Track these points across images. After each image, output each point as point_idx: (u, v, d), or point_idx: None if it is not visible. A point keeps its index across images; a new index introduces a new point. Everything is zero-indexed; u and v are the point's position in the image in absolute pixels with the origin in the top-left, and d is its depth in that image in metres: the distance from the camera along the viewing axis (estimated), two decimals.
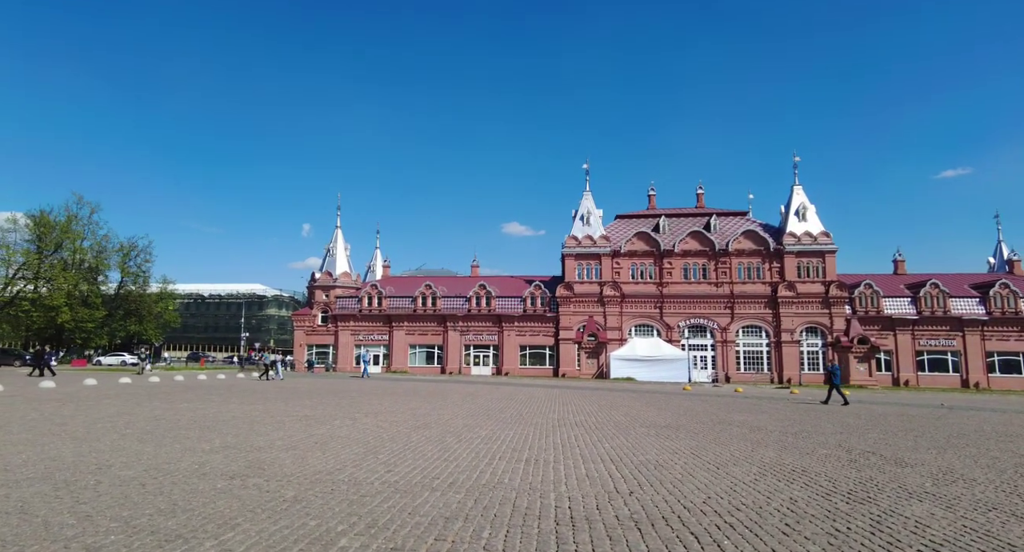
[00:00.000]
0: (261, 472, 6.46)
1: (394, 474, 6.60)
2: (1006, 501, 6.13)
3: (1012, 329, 43.32)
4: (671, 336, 46.67)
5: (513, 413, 14.82)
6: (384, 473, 6.64)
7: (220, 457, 7.34)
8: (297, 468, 6.76)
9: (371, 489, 5.81)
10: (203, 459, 7.17)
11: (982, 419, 16.51)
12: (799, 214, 46.83)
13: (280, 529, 4.36)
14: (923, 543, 4.56)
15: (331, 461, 7.31)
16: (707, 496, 6.00)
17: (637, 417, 14.72)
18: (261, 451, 7.91)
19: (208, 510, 4.81)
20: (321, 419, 12.26)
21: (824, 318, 44.74)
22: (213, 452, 7.73)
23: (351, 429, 10.68)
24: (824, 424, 14.03)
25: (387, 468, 6.93)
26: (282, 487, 5.75)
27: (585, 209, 50.69)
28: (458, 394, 22.00)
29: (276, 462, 7.10)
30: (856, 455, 9.18)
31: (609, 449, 9.14)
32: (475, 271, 57.84)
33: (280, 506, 5.01)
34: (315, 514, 4.80)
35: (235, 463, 6.95)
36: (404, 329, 51.28)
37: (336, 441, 9.09)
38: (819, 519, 5.19)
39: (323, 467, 6.87)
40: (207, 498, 5.20)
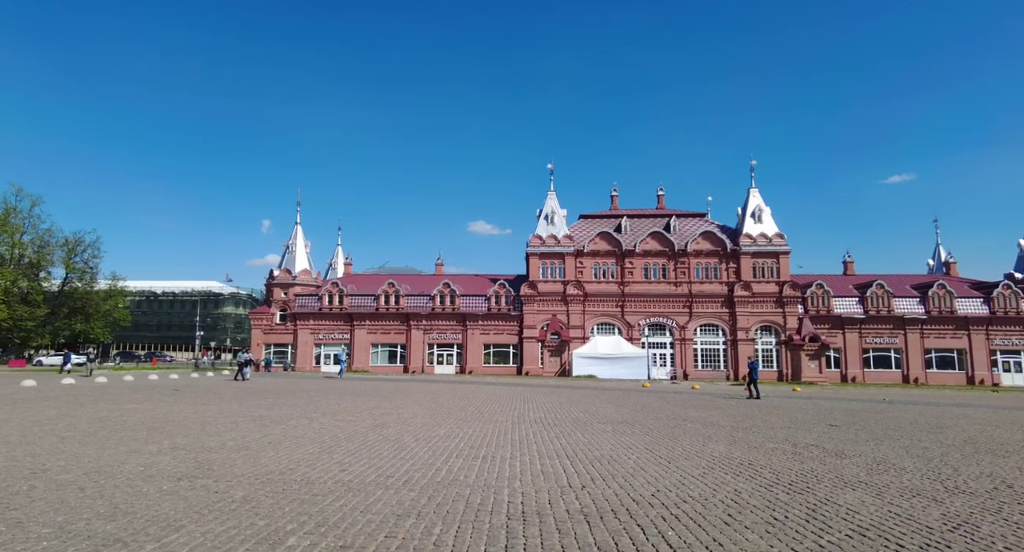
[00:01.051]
0: (210, 473, 6.33)
1: (348, 473, 6.56)
2: (929, 487, 6.53)
3: (948, 327, 45.79)
4: (632, 334, 47.48)
5: (473, 411, 14.86)
6: (338, 472, 6.59)
7: (168, 458, 7.15)
8: (248, 468, 6.64)
9: (323, 488, 5.77)
10: (149, 461, 6.96)
11: (918, 412, 17.45)
12: (755, 216, 48.31)
13: (227, 530, 4.30)
14: (851, 528, 4.83)
15: (284, 461, 7.21)
16: (656, 489, 6.19)
17: (596, 414, 14.97)
18: (212, 452, 7.73)
19: (152, 513, 4.69)
20: (277, 419, 12.04)
21: (778, 317, 46.32)
22: (161, 454, 7.51)
23: (307, 429, 10.53)
24: (774, 419, 14.57)
25: (341, 467, 6.88)
26: (231, 487, 5.65)
27: (549, 209, 51.03)
28: (420, 393, 21.89)
29: (227, 463, 6.96)
30: (800, 448, 9.59)
31: (565, 445, 9.29)
32: (439, 269, 57.51)
33: (228, 506, 4.93)
34: (264, 514, 4.74)
35: (183, 464, 6.78)
36: (366, 328, 50.59)
37: (290, 441, 8.95)
38: (759, 509, 5.42)
39: (275, 467, 6.77)
40: (151, 500, 5.07)
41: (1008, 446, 10.26)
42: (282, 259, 54.57)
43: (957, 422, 14.57)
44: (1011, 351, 45.60)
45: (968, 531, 4.82)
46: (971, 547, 4.40)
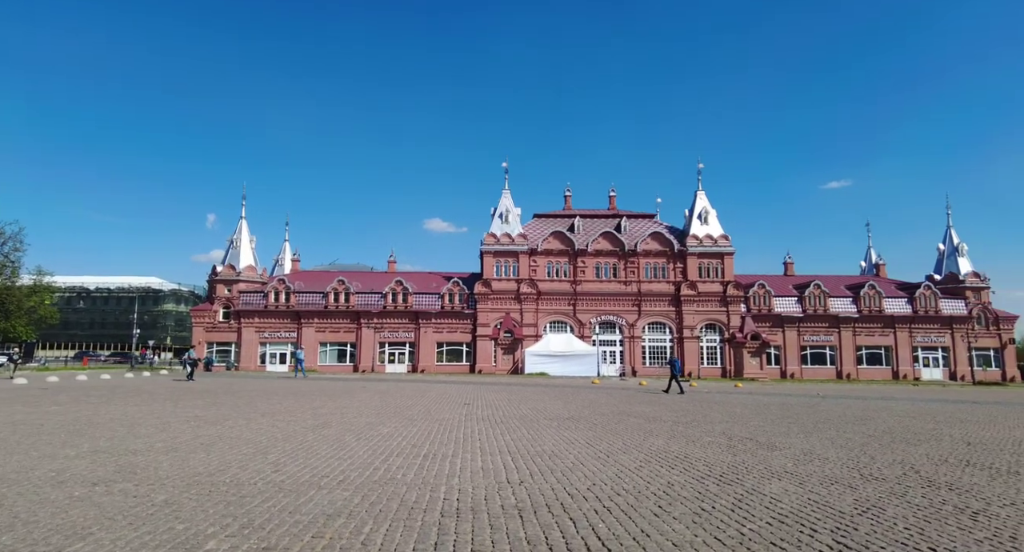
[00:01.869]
0: (132, 476, 6.02)
1: (281, 474, 6.37)
2: (847, 475, 6.91)
3: (877, 326, 48.63)
4: (583, 332, 48.20)
5: (420, 410, 14.73)
6: (271, 473, 6.39)
7: (85, 463, 6.75)
8: (175, 471, 6.35)
9: (253, 490, 5.58)
10: (64, 466, 6.56)
11: (846, 406, 18.43)
12: (701, 218, 49.89)
13: (141, 536, 4.09)
14: (773, 516, 5.05)
15: (215, 462, 6.94)
16: (592, 483, 6.30)
17: (543, 410, 15.10)
18: (136, 454, 7.36)
19: (57, 521, 4.41)
20: (212, 420, 11.58)
21: (722, 315, 48.00)
22: (78, 458, 7.09)
23: (244, 429, 10.17)
24: (713, 414, 15.08)
25: (275, 468, 6.68)
26: (153, 491, 5.39)
27: (504, 207, 51.16)
28: (367, 392, 21.53)
29: (151, 465, 6.64)
30: (735, 441, 9.95)
31: (509, 441, 9.33)
32: (392, 267, 56.72)
33: (146, 511, 4.70)
34: (185, 517, 4.54)
35: (102, 468, 6.42)
36: (314, 326, 49.36)
37: (224, 442, 8.62)
38: (689, 500, 5.60)
39: (204, 469, 6.51)
40: (58, 508, 4.77)
41: (920, 435, 10.98)
42: (226, 254, 52.58)
43: (879, 414, 15.47)
44: (930, 347, 48.85)
45: (875, 514, 5.12)
46: (876, 528, 4.68)
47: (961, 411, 17.27)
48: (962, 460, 8.22)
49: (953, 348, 48.50)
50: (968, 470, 7.44)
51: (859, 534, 4.55)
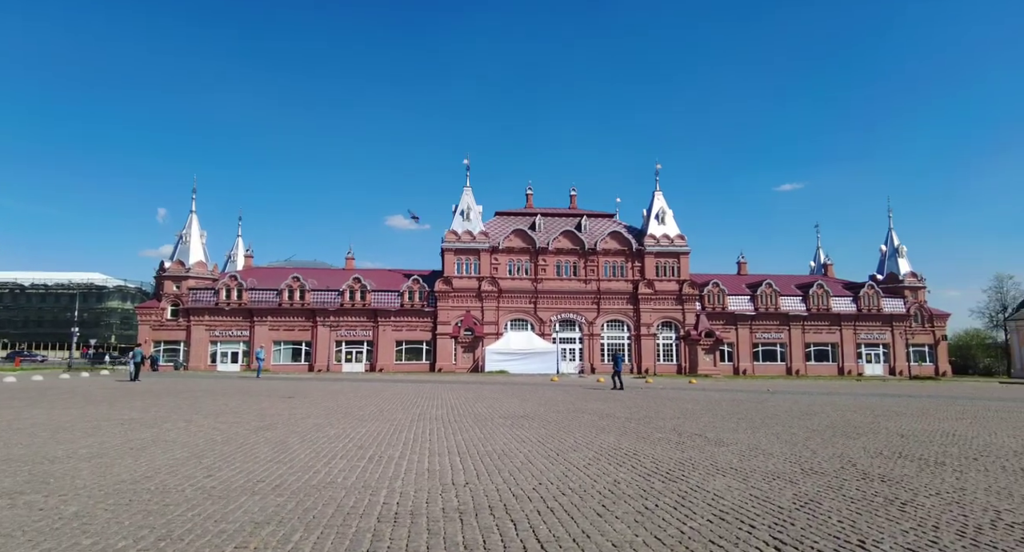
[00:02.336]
0: (44, 487, 5.59)
1: (214, 479, 6.05)
2: (788, 470, 7.05)
3: (824, 323, 50.61)
4: (544, 330, 48.38)
5: (373, 410, 14.41)
6: (202, 478, 6.06)
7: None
8: (95, 479, 5.94)
9: (180, 497, 5.26)
10: None
11: (794, 401, 19.03)
12: (659, 218, 50.78)
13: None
14: (714, 512, 5.07)
15: (143, 468, 6.54)
16: (539, 482, 6.22)
17: (498, 409, 15.00)
18: (55, 462, 6.87)
19: None
20: (149, 422, 11.00)
21: (678, 314, 49.01)
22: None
23: (182, 432, 9.68)
24: (666, 410, 15.29)
25: (207, 473, 6.34)
26: (64, 502, 5.00)
27: (465, 204, 50.81)
28: (320, 392, 20.98)
29: (69, 474, 6.20)
30: (685, 437, 10.07)
31: (460, 441, 9.18)
32: (350, 263, 55.57)
33: (51, 525, 4.34)
34: (95, 531, 4.22)
35: (11, 478, 5.94)
36: (267, 324, 47.91)
37: (158, 446, 8.17)
38: (634, 498, 5.58)
39: (129, 476, 6.12)
40: None
41: (859, 429, 11.38)
42: (175, 250, 50.49)
43: (824, 409, 16.00)
44: (872, 344, 51.16)
45: (812, 508, 5.21)
46: (811, 523, 4.76)
47: (897, 405, 18.06)
48: (895, 452, 8.53)
49: (893, 345, 50.91)
50: (900, 462, 7.71)
51: (795, 529, 4.61)
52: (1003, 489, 6.13)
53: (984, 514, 5.11)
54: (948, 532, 4.56)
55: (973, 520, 4.90)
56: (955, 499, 5.66)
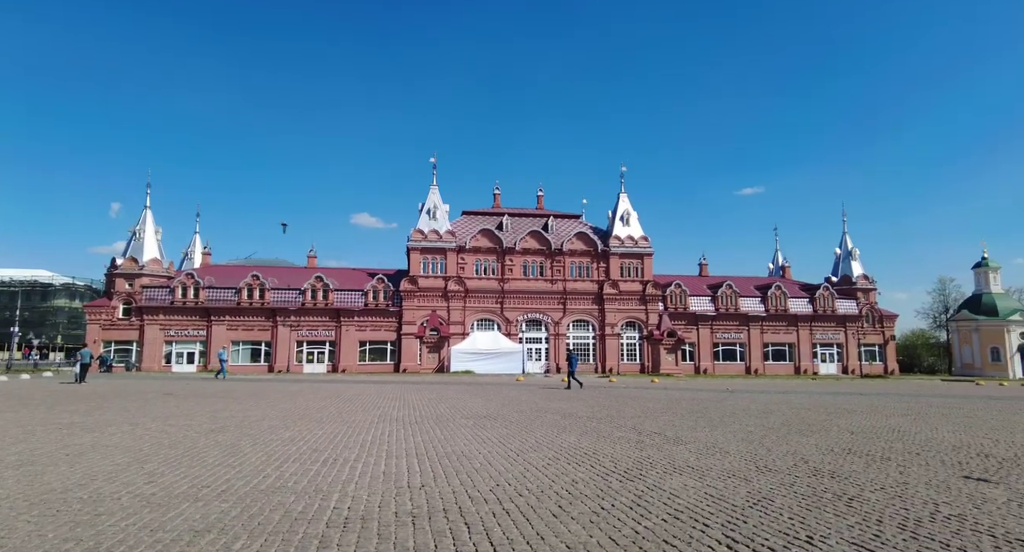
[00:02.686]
0: None
1: (155, 485, 5.76)
2: (744, 468, 7.17)
3: (782, 324, 52.15)
4: (510, 330, 48.40)
5: (333, 411, 14.09)
6: (143, 485, 5.77)
7: None
8: (21, 488, 5.58)
9: (115, 505, 4.98)
10: None
11: (751, 400, 19.49)
12: (624, 219, 51.45)
13: None
14: (669, 511, 5.09)
15: (77, 475, 6.18)
16: (496, 483, 6.14)
17: (461, 409, 14.87)
18: None
19: None
20: (91, 426, 10.47)
21: (641, 314, 49.73)
22: None
23: (126, 436, 9.24)
24: (627, 409, 15.43)
25: (149, 479, 6.04)
26: None
27: (432, 203, 50.41)
28: (279, 393, 20.44)
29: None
30: (644, 436, 10.16)
31: (419, 443, 9.03)
32: (312, 262, 54.47)
33: None
34: (14, 546, 3.93)
35: None
36: (225, 324, 46.51)
37: (97, 451, 7.76)
38: (590, 498, 5.56)
39: (60, 484, 5.77)
40: None
41: (813, 426, 11.70)
42: (127, 246, 48.54)
43: (780, 407, 16.43)
44: (827, 344, 52.99)
45: (764, 506, 5.29)
46: (763, 520, 4.82)
47: (849, 403, 18.69)
48: (845, 449, 8.79)
49: (846, 344, 52.84)
50: (849, 458, 7.94)
51: (747, 526, 4.66)
52: (942, 483, 6.36)
53: (924, 507, 5.28)
54: (891, 525, 4.68)
55: (914, 513, 5.06)
56: (898, 493, 5.84)
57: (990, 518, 4.94)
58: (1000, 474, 6.95)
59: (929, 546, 4.19)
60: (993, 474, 6.93)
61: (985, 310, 55.48)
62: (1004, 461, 7.87)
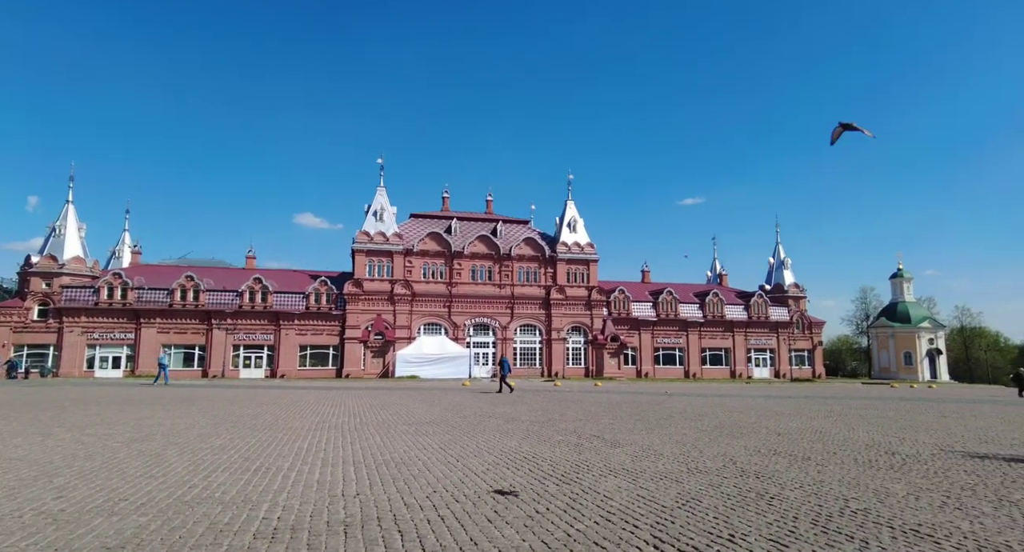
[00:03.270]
0: None
1: (65, 500, 5.40)
2: (676, 469, 7.43)
3: (718, 329, 54.34)
4: (458, 334, 48.18)
5: (269, 418, 13.61)
6: (50, 500, 5.40)
7: None
8: None
9: (14, 524, 4.64)
10: None
11: (688, 403, 20.18)
12: (571, 226, 52.34)
13: None
14: (602, 514, 5.22)
15: None
16: (433, 490, 6.11)
17: (404, 415, 14.68)
18: None
19: None
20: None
21: (586, 319, 50.65)
22: None
23: (35, 448, 8.61)
24: (570, 413, 15.66)
25: (58, 493, 5.66)
26: None
27: (379, 205, 49.62)
28: (213, 399, 19.54)
29: None
30: (584, 439, 10.34)
31: (358, 450, 8.86)
32: (251, 263, 52.47)
33: None
34: None
35: None
36: (156, 326, 44.08)
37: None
38: (527, 502, 5.62)
39: None
40: None
41: (744, 428, 12.25)
42: (45, 243, 45.27)
43: (714, 410, 17.09)
44: (760, 349, 55.58)
45: (692, 506, 5.51)
46: (690, 520, 5.02)
47: (778, 405, 19.68)
48: (771, 450, 9.25)
49: (778, 349, 55.60)
50: (774, 458, 8.37)
51: (675, 527, 4.84)
52: (853, 480, 6.81)
53: (836, 503, 5.64)
54: (805, 521, 4.98)
55: (826, 509, 5.40)
56: (814, 491, 6.21)
57: (890, 511, 5.35)
58: (903, 470, 7.51)
59: (836, 539, 4.49)
60: (896, 470, 7.48)
61: (900, 318, 59.68)
62: (907, 458, 8.51)
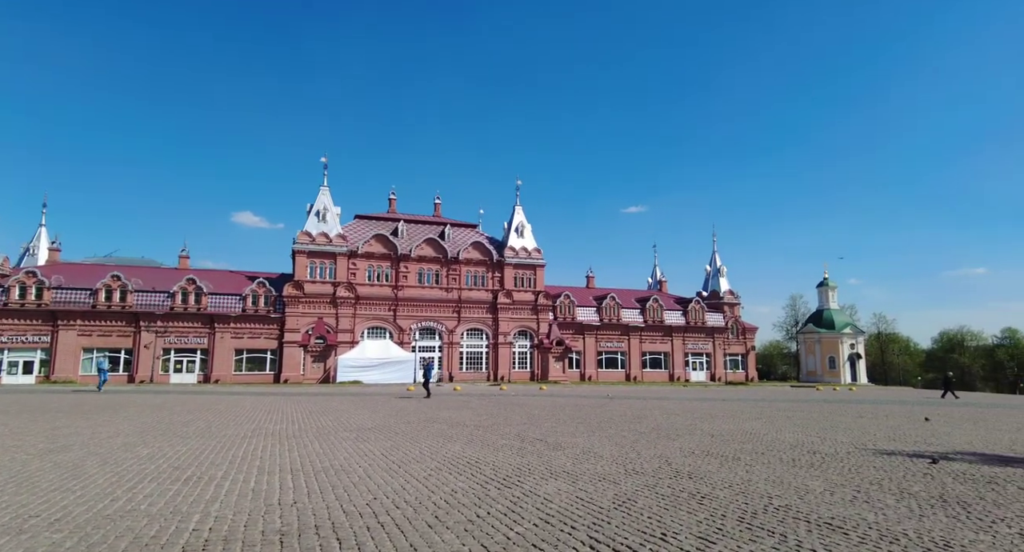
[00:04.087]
0: None
1: None
2: (614, 471, 7.67)
3: (658, 334, 56.06)
4: (403, 338, 47.49)
5: (201, 425, 13.03)
6: None
7: None
8: None
9: None
10: None
11: (628, 406, 20.74)
12: (518, 231, 52.73)
13: None
14: (541, 517, 5.33)
15: None
16: (374, 497, 6.06)
17: (345, 421, 14.39)
18: None
19: None
20: None
21: (533, 323, 51.12)
22: None
23: None
24: (514, 416, 15.80)
25: None
26: None
27: (322, 205, 48.30)
28: (139, 406, 18.48)
29: None
30: (527, 443, 10.48)
31: (296, 458, 8.64)
32: (184, 262, 49.88)
33: None
34: None
35: None
36: (76, 329, 41.17)
37: None
38: (467, 507, 5.67)
39: None
40: None
41: (680, 431, 12.74)
42: None
43: (653, 413, 17.66)
44: (697, 353, 57.71)
45: (628, 507, 5.71)
46: (626, 520, 5.21)
47: (713, 408, 20.53)
48: (705, 451, 9.68)
49: (714, 354, 57.89)
50: (707, 459, 8.77)
51: (611, 527, 5.01)
52: (778, 478, 7.24)
53: (761, 501, 5.99)
54: (732, 519, 5.26)
55: (751, 507, 5.72)
56: (742, 490, 6.56)
57: (808, 506, 5.73)
58: (822, 468, 8.04)
59: (759, 534, 4.78)
60: (816, 468, 8.00)
61: (825, 324, 63.42)
62: (826, 456, 9.12)
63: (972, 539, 4.75)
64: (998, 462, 8.94)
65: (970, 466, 8.46)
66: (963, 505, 5.94)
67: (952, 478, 7.44)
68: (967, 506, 5.90)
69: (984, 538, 4.78)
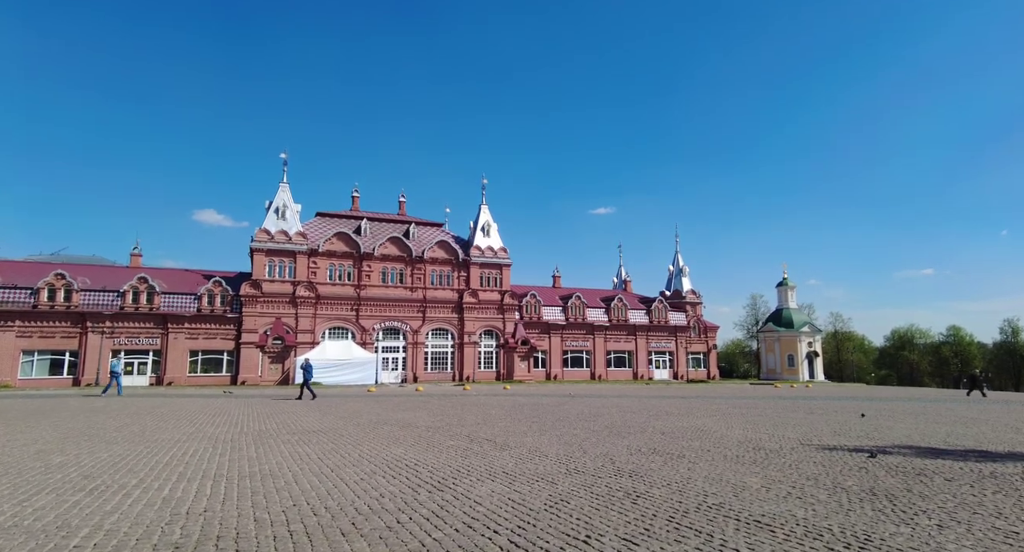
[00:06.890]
0: None
1: None
2: (555, 471, 7.47)
3: (623, 333, 56.54)
4: (366, 339, 46.62)
5: (135, 430, 12.35)
6: None
7: None
8: None
9: None
10: None
11: (587, 404, 20.68)
12: (484, 230, 52.39)
13: None
14: (465, 521, 5.08)
15: None
16: (294, 503, 5.72)
17: (291, 424, 13.88)
18: None
19: None
20: None
21: (499, 322, 50.87)
22: None
23: None
24: (469, 417, 15.51)
25: None
26: None
27: (281, 202, 47.02)
28: (74, 410, 17.50)
29: None
30: (475, 444, 10.22)
31: (224, 463, 8.19)
32: (136, 260, 47.91)
33: None
34: None
35: None
36: (15, 330, 39.05)
37: None
38: (390, 512, 5.38)
39: None
40: None
41: (632, 428, 12.67)
42: None
43: (610, 411, 17.61)
44: (660, 352, 58.41)
45: (560, 508, 5.51)
46: (553, 522, 4.99)
47: (671, 406, 20.64)
48: (652, 449, 9.58)
49: (676, 352, 58.69)
50: (651, 457, 8.66)
51: (535, 530, 4.79)
52: (718, 476, 7.16)
53: (695, 499, 5.87)
54: (661, 519, 5.11)
55: (684, 505, 5.59)
56: (679, 488, 6.44)
57: (742, 504, 5.63)
58: (763, 464, 8.01)
59: (685, 534, 4.64)
60: (758, 465, 7.97)
61: (784, 323, 65.01)
62: (770, 452, 9.13)
63: (892, 532, 4.71)
64: (930, 454, 9.10)
65: (904, 459, 8.57)
66: (890, 498, 5.94)
67: (885, 471, 7.50)
68: (893, 499, 5.90)
69: (904, 531, 4.75)
